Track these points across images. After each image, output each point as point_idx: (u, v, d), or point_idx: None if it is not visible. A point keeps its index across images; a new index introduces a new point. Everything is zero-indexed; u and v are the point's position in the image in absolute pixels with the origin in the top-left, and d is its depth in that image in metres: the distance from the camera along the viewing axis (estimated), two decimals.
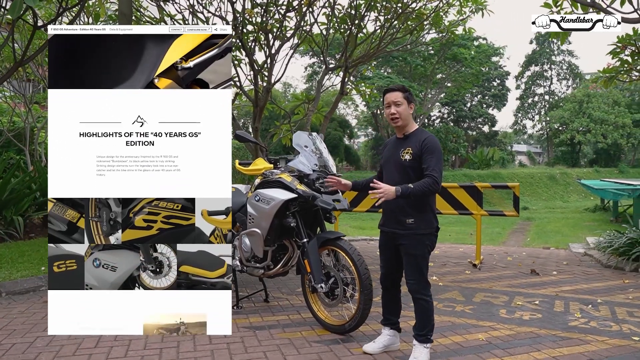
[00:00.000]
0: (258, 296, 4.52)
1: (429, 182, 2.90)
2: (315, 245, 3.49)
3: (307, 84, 37.13)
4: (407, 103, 3.09)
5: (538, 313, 4.10)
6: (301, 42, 8.51)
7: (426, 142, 2.99)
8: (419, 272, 3.03)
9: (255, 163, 3.88)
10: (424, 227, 3.02)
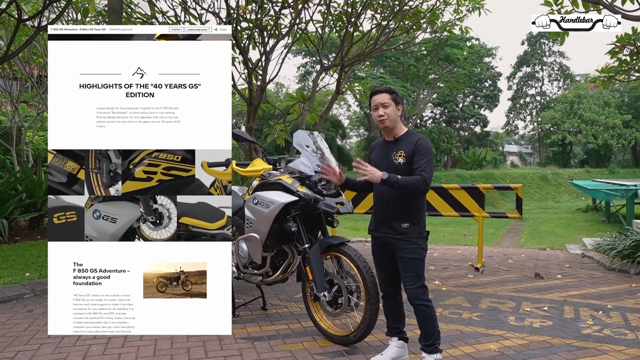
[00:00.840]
0: (255, 303, 4.31)
1: (417, 179, 2.79)
2: (317, 251, 3.29)
3: (300, 83, 36.92)
4: (394, 104, 2.98)
5: (548, 320, 3.94)
6: (296, 40, 8.33)
7: (419, 143, 2.89)
8: (417, 276, 2.89)
9: (253, 164, 3.67)
10: (418, 231, 2.92)
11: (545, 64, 46.61)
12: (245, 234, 3.61)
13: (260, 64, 7.72)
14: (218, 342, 3.39)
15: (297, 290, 4.80)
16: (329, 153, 3.57)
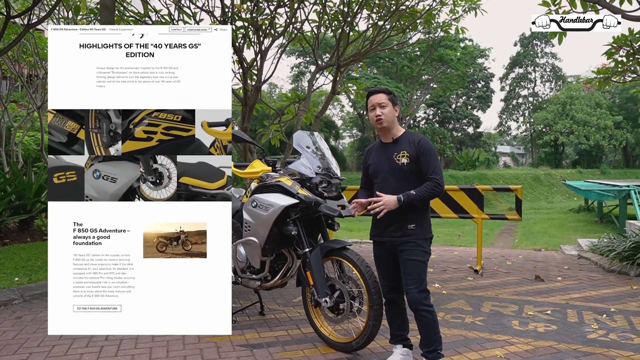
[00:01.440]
0: (253, 308, 4.20)
1: (431, 186, 2.76)
2: (318, 256, 3.19)
3: (293, 84, 36.79)
4: (391, 105, 2.93)
5: (552, 324, 3.86)
6: (292, 39, 8.23)
7: (422, 143, 2.85)
8: (419, 279, 2.80)
9: (252, 165, 3.55)
10: (425, 232, 2.87)
11: (537, 65, 46.83)
12: (243, 238, 3.50)
13: (255, 64, 7.61)
14: (215, 349, 3.28)
15: (294, 295, 4.70)
16: (330, 154, 3.47)
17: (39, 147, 9.86)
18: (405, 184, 2.80)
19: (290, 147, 8.09)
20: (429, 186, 2.74)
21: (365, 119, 36.86)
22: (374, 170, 2.97)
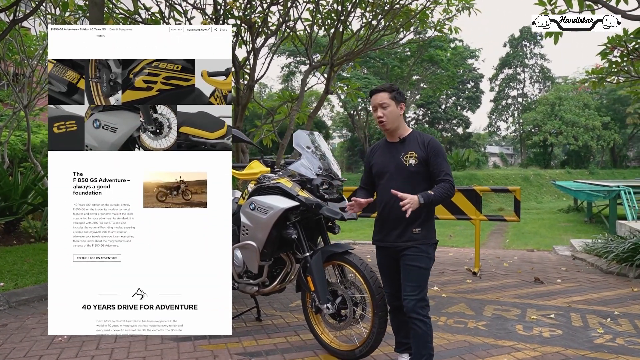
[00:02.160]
0: (249, 314, 4.06)
1: (447, 187, 2.66)
2: (320, 260, 3.06)
3: (284, 84, 36.62)
4: (395, 104, 2.77)
5: (557, 329, 3.77)
6: (285, 38, 8.11)
7: (432, 144, 2.75)
8: (419, 287, 2.68)
9: (250, 166, 3.42)
10: (430, 237, 2.75)
11: (526, 66, 47.11)
12: (240, 242, 3.36)
13: (248, 63, 7.47)
14: (212, 358, 3.14)
15: (291, 299, 4.57)
16: (331, 154, 3.35)
17: (25, 147, 9.63)
18: (411, 186, 2.68)
19: (284, 147, 7.96)
20: (445, 187, 2.64)
21: (356, 119, 36.82)
22: (378, 170, 2.85)
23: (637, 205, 16.60)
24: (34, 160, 9.41)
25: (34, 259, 5.65)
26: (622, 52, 6.89)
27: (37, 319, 3.94)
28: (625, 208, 16.36)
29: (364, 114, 36.68)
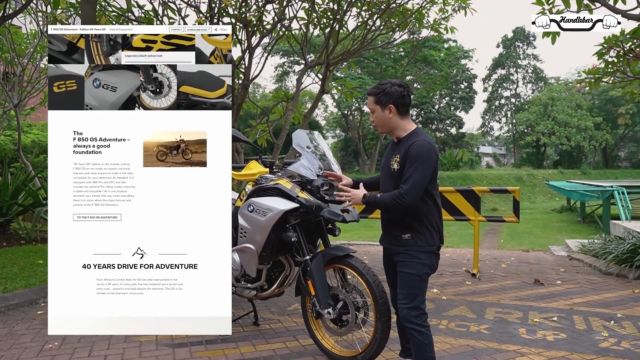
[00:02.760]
0: (246, 318, 3.96)
1: (393, 195, 2.50)
2: (320, 264, 2.97)
3: (277, 83, 36.49)
4: (380, 107, 2.63)
5: (561, 332, 3.71)
6: (280, 37, 8.01)
7: (412, 149, 2.51)
8: (411, 295, 2.56)
9: (248, 167, 3.31)
10: (421, 244, 2.58)
11: (519, 67, 47.28)
12: (238, 245, 3.26)
13: (243, 62, 7.36)
14: None
15: (289, 302, 4.48)
16: (331, 154, 3.26)
17: (15, 147, 9.45)
18: (394, 189, 2.54)
19: (279, 147, 7.86)
20: (391, 195, 2.49)
21: (350, 119, 36.76)
22: (380, 170, 2.79)
23: (630, 206, 16.68)
24: (24, 160, 9.25)
25: (24, 261, 5.51)
26: (619, 53, 6.87)
27: (26, 325, 3.82)
28: (619, 208, 16.41)
29: (357, 114, 36.64)
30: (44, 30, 8.75)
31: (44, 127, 14.89)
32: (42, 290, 4.57)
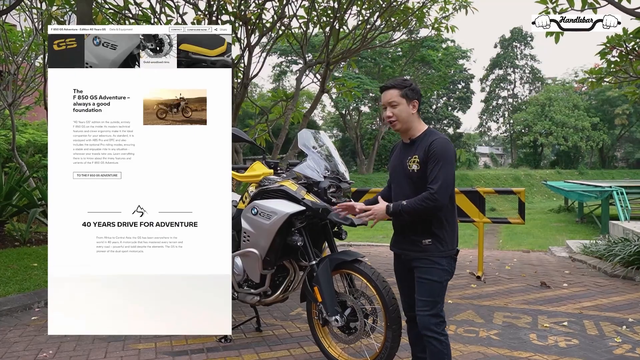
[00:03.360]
0: (248, 324, 3.83)
1: (423, 197, 2.35)
2: (327, 270, 2.85)
3: (275, 83, 36.36)
4: (406, 101, 2.48)
5: (573, 338, 3.60)
6: (279, 36, 7.90)
7: (433, 146, 2.39)
8: (432, 302, 2.46)
9: (252, 168, 3.19)
10: (442, 249, 2.46)
11: (517, 67, 47.33)
12: (241, 249, 3.14)
13: (242, 60, 7.24)
14: None
15: (292, 307, 4.36)
16: (337, 155, 3.14)
17: (10, 146, 9.29)
18: (415, 194, 2.41)
19: (278, 147, 7.74)
20: (421, 199, 2.33)
21: (347, 119, 36.65)
22: (390, 173, 2.65)
23: (629, 206, 16.65)
24: (19, 160, 9.09)
25: (18, 264, 5.37)
26: (621, 52, 6.80)
27: (20, 332, 3.68)
28: (618, 208, 16.37)
29: (355, 114, 36.56)
30: (38, 28, 8.60)
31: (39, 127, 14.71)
32: (36, 295, 4.44)
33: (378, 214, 2.44)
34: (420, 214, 2.36)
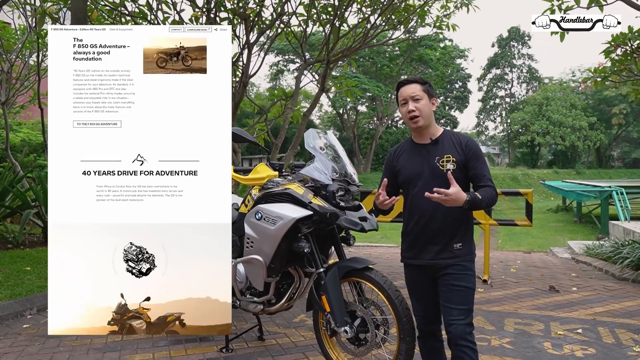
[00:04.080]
0: (250, 332, 3.67)
1: (493, 194, 2.30)
2: (336, 278, 2.69)
3: (272, 82, 36.16)
4: (427, 97, 2.43)
5: (589, 347, 3.46)
6: (279, 34, 7.74)
7: (470, 145, 2.39)
8: (467, 310, 2.33)
9: (256, 170, 3.01)
10: (471, 252, 2.41)
11: (514, 66, 47.27)
12: (244, 256, 2.97)
13: (241, 58, 7.07)
14: None
15: (295, 313, 4.20)
16: (345, 155, 2.98)
17: (4, 146, 9.09)
18: None
19: (277, 147, 7.58)
20: (491, 193, 2.28)
21: (345, 118, 36.48)
22: (407, 177, 2.46)
23: (630, 206, 16.56)
24: (12, 160, 8.89)
25: (10, 268, 5.20)
26: (625, 51, 6.73)
27: (10, 341, 3.51)
28: (617, 209, 16.28)
29: (353, 114, 36.41)
30: (32, 25, 8.40)
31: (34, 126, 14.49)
32: (28, 301, 4.26)
33: (454, 200, 2.16)
34: (486, 207, 2.31)
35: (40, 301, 4.28)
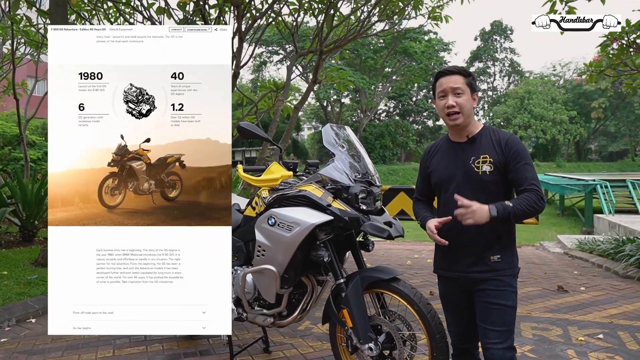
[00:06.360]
0: (255, 345, 3.40)
1: (533, 200, 1.98)
2: (359, 290, 2.43)
3: (254, 74, 35.62)
4: (470, 92, 2.14)
5: (615, 354, 3.27)
6: (269, 23, 7.42)
7: (511, 143, 2.07)
8: (506, 332, 2.09)
9: (270, 170, 2.70)
10: (512, 265, 2.12)
11: (497, 60, 47.53)
12: (255, 266, 2.68)
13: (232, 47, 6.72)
14: None
15: None
16: (365, 152, 2.71)
17: None
18: (484, 199, 2.01)
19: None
20: (530, 199, 1.96)
21: (329, 111, 36.16)
22: (439, 179, 2.21)
23: (614, 199, 16.70)
24: None
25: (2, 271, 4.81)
26: (622, 45, 6.68)
27: None
28: (602, 202, 16.40)
29: (337, 106, 36.12)
30: (5, 10, 7.89)
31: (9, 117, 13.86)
32: (6, 311, 3.88)
33: (479, 217, 1.93)
34: (524, 217, 1.99)
35: (19, 311, 3.91)
